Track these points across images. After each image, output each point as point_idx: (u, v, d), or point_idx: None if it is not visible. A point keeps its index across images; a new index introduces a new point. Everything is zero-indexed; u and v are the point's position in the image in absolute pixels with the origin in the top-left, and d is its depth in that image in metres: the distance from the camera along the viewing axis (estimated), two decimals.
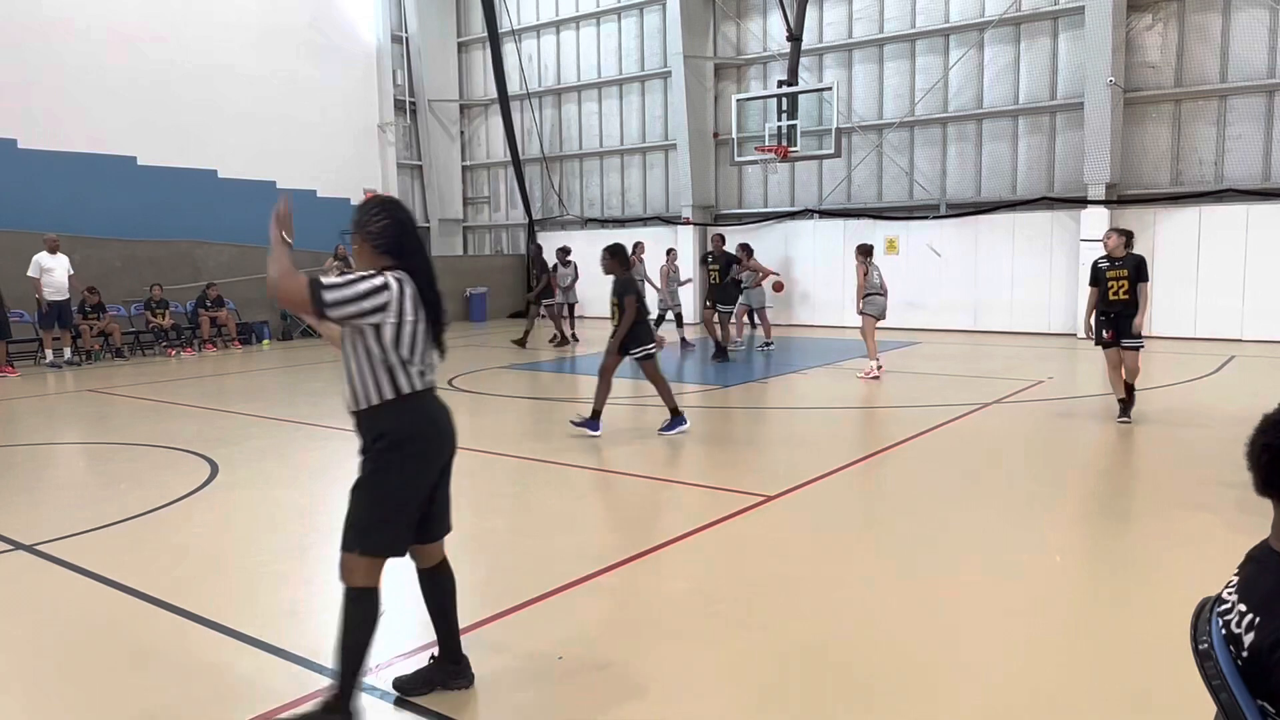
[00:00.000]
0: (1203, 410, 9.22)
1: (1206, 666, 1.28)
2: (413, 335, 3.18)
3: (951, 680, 3.56)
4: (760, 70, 20.47)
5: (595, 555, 4.99)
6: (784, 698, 3.43)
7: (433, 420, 3.33)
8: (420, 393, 3.27)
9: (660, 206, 22.36)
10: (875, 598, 4.46)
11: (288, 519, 6.02)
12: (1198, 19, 15.56)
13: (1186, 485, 6.44)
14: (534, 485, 7.00)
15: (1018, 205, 17.32)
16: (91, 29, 17.97)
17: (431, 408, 3.34)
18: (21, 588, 4.78)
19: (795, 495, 6.26)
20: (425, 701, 3.44)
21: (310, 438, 8.72)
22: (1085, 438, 8.56)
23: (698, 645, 3.92)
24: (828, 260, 19.52)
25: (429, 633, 4.08)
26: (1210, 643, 1.28)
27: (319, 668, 3.72)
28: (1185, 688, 2.14)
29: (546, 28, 23.66)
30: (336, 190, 22.70)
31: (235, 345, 17.41)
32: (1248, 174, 15.37)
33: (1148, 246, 15.99)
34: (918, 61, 18.40)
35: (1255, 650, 1.20)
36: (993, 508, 6.00)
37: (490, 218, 25.97)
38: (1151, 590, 4.56)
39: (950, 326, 17.85)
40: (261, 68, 20.76)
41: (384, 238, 3.25)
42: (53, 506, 6.58)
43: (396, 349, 3.16)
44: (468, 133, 25.96)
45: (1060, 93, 16.88)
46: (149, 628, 4.18)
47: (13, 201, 16.41)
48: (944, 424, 8.61)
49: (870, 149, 19.10)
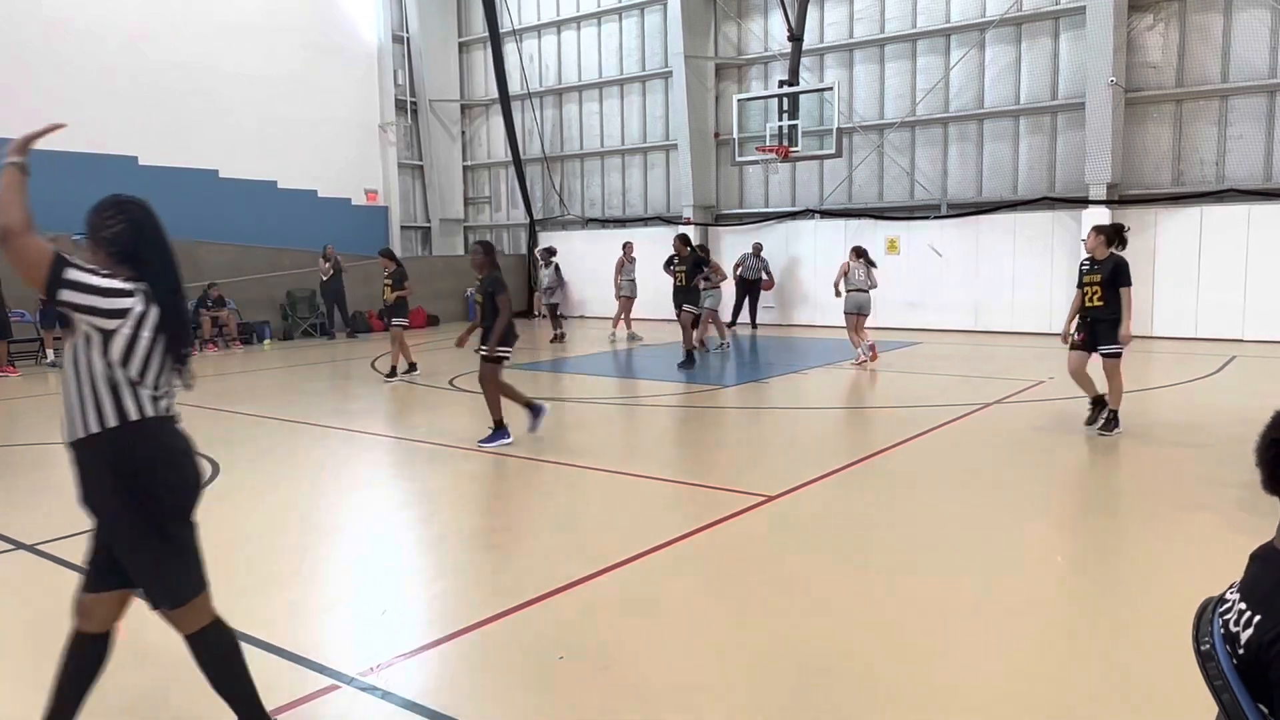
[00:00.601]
0: (1204, 410, 9.21)
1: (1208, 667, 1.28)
2: (146, 355, 2.78)
3: (953, 681, 3.56)
4: (761, 70, 20.46)
5: (596, 555, 4.99)
6: (785, 698, 3.43)
7: (173, 450, 2.89)
8: (156, 419, 2.83)
9: (661, 206, 22.35)
10: (876, 598, 4.45)
11: (288, 519, 6.02)
12: (1199, 19, 15.54)
13: (1188, 485, 6.43)
14: (534, 485, 7.00)
15: (1019, 205, 17.31)
16: (92, 29, 17.98)
17: (171, 438, 2.89)
18: (22, 587, 4.78)
19: (796, 495, 6.25)
20: (423, 701, 3.44)
21: (311, 438, 8.72)
22: (1085, 438, 8.55)
23: (699, 646, 3.92)
24: (829, 260, 19.47)
25: (430, 633, 4.09)
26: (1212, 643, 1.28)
27: (319, 667, 3.71)
28: (1187, 688, 2.13)
29: (547, 27, 23.65)
30: (337, 190, 22.73)
31: (236, 345, 17.42)
32: (1249, 174, 15.36)
33: (1148, 247, 16.00)
34: (919, 61, 18.39)
35: (1253, 646, 1.20)
36: (994, 508, 6.00)
37: (491, 218, 25.97)
38: (1153, 591, 4.55)
39: (951, 327, 17.84)
40: (263, 68, 20.77)
41: (118, 244, 2.87)
42: (54, 506, 6.58)
43: (124, 366, 2.76)
44: (469, 133, 25.95)
45: (1061, 93, 16.86)
46: (149, 627, 4.17)
47: None
48: (945, 424, 8.61)
49: (871, 149, 19.09)
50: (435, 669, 3.78)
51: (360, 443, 8.60)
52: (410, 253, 24.62)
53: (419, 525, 6.05)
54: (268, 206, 20.63)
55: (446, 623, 4.19)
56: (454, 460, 8.04)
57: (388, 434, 9.09)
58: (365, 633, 4.11)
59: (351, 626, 4.20)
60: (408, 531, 5.91)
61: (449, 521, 6.07)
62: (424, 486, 7.14)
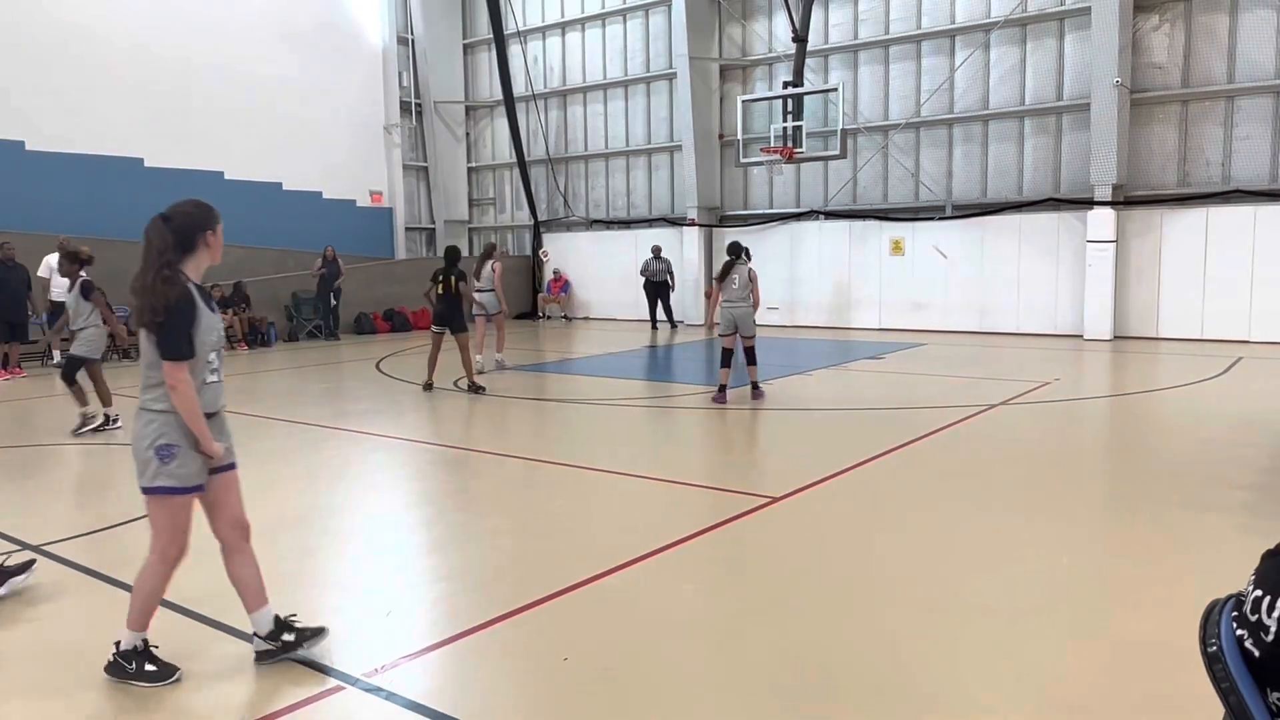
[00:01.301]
0: (1210, 412, 9.18)
1: (1215, 669, 1.27)
2: None
3: (959, 682, 3.55)
4: (765, 71, 20.45)
5: (601, 556, 4.98)
6: (789, 699, 3.42)
7: None
8: None
9: (665, 208, 22.35)
10: (882, 600, 4.45)
11: (293, 521, 6.03)
12: (1204, 19, 15.51)
13: (1194, 487, 6.41)
14: (539, 486, 7.00)
15: (1024, 206, 17.28)
16: (98, 31, 18.03)
17: None
18: (26, 588, 4.78)
19: (801, 497, 6.25)
20: (428, 702, 3.44)
21: (316, 439, 8.73)
22: (1092, 439, 8.54)
23: (704, 647, 3.92)
24: (833, 262, 19.51)
25: (435, 634, 4.09)
26: (1219, 645, 1.27)
27: (324, 668, 3.72)
28: (1194, 690, 2.13)
29: (552, 29, 23.68)
30: (342, 192, 22.76)
31: (241, 347, 17.45)
32: (1255, 175, 15.32)
33: (1154, 248, 15.98)
34: (923, 62, 18.37)
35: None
36: (999, 509, 5.99)
37: (495, 219, 25.99)
38: (1159, 592, 4.54)
39: (957, 328, 17.81)
40: (268, 70, 20.81)
41: None
42: (59, 507, 6.61)
43: None
44: (473, 134, 25.98)
45: (1067, 93, 16.83)
46: (153, 627, 4.18)
47: (21, 203, 16.47)
48: (951, 425, 8.59)
49: (876, 150, 19.07)
50: (440, 670, 3.79)
51: (366, 444, 8.61)
52: (415, 255, 24.67)
53: (424, 527, 6.06)
54: (273, 208, 20.67)
55: (452, 624, 4.19)
56: (458, 461, 8.05)
57: (388, 435, 9.09)
58: (370, 634, 4.12)
59: (356, 628, 4.21)
60: (413, 533, 5.92)
61: (454, 523, 6.07)
62: (428, 487, 7.16)
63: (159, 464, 3.48)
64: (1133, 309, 16.26)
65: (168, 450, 3.48)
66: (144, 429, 3.52)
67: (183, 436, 3.50)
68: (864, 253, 19.10)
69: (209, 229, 3.66)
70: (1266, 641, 1.20)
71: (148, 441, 3.49)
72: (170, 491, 3.52)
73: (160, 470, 3.49)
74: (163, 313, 3.43)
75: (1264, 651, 1.20)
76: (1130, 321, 16.28)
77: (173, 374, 3.43)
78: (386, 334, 20.40)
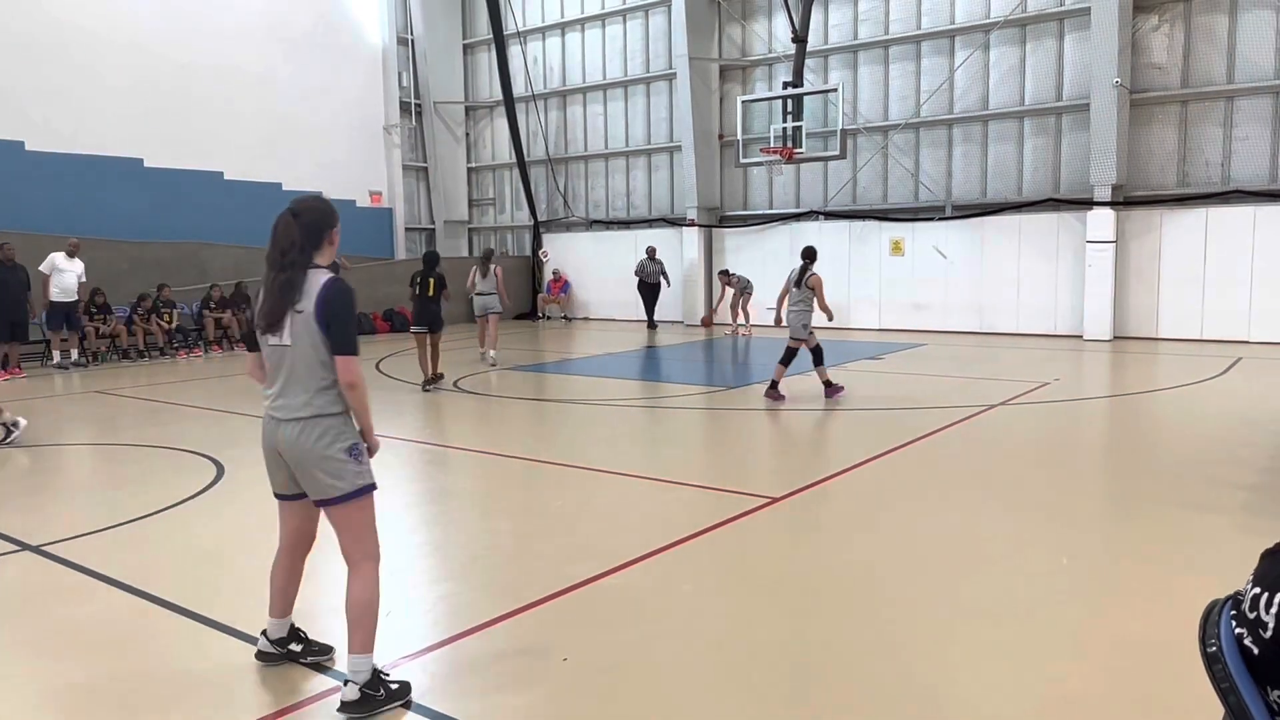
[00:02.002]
0: (1210, 412, 9.18)
1: (1215, 669, 1.27)
2: None
3: (959, 682, 3.55)
4: (765, 72, 20.46)
5: (600, 557, 4.99)
6: (789, 700, 3.42)
7: None
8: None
9: (665, 208, 22.36)
10: (882, 599, 4.45)
11: None
12: (1204, 20, 15.51)
13: (1194, 487, 6.42)
14: (538, 487, 7.00)
15: (1024, 207, 17.28)
16: (98, 31, 18.03)
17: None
18: (27, 588, 4.79)
19: (801, 497, 6.25)
20: (429, 702, 3.44)
21: None
22: (1092, 439, 8.54)
23: (703, 647, 3.92)
24: (833, 262, 19.48)
25: (435, 634, 4.09)
26: (1219, 645, 1.27)
27: (324, 669, 3.72)
28: (1194, 690, 2.13)
29: (551, 29, 23.68)
30: (342, 192, 22.70)
31: (241, 347, 17.43)
32: (1254, 175, 15.32)
33: (1154, 248, 15.99)
34: (923, 63, 18.37)
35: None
36: (999, 509, 5.99)
37: (495, 220, 25.99)
38: (1159, 592, 4.54)
39: (956, 328, 17.82)
40: (268, 70, 20.81)
41: None
42: (59, 507, 6.60)
43: None
44: (473, 134, 25.98)
45: (1066, 94, 16.84)
46: (153, 628, 4.18)
47: (20, 203, 16.46)
48: (951, 425, 8.59)
49: (875, 150, 19.07)
50: (440, 670, 3.79)
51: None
52: (414, 255, 24.65)
53: (423, 527, 6.06)
54: (273, 208, 20.42)
55: (451, 624, 4.20)
56: (458, 462, 8.06)
57: (388, 435, 9.09)
58: None
59: None
60: (412, 533, 5.91)
61: (453, 523, 6.08)
62: (428, 487, 7.16)
63: (356, 465, 3.42)
64: (1132, 309, 16.26)
65: (358, 449, 3.44)
66: (325, 435, 3.39)
67: (356, 434, 3.48)
68: (864, 253, 19.10)
69: (334, 226, 3.69)
70: (1265, 638, 1.19)
71: (339, 446, 3.40)
72: (372, 488, 3.49)
73: (360, 470, 3.43)
74: (341, 307, 3.42)
75: (1263, 648, 1.20)
76: (1130, 322, 16.28)
77: (354, 369, 3.38)
78: (386, 334, 20.40)
